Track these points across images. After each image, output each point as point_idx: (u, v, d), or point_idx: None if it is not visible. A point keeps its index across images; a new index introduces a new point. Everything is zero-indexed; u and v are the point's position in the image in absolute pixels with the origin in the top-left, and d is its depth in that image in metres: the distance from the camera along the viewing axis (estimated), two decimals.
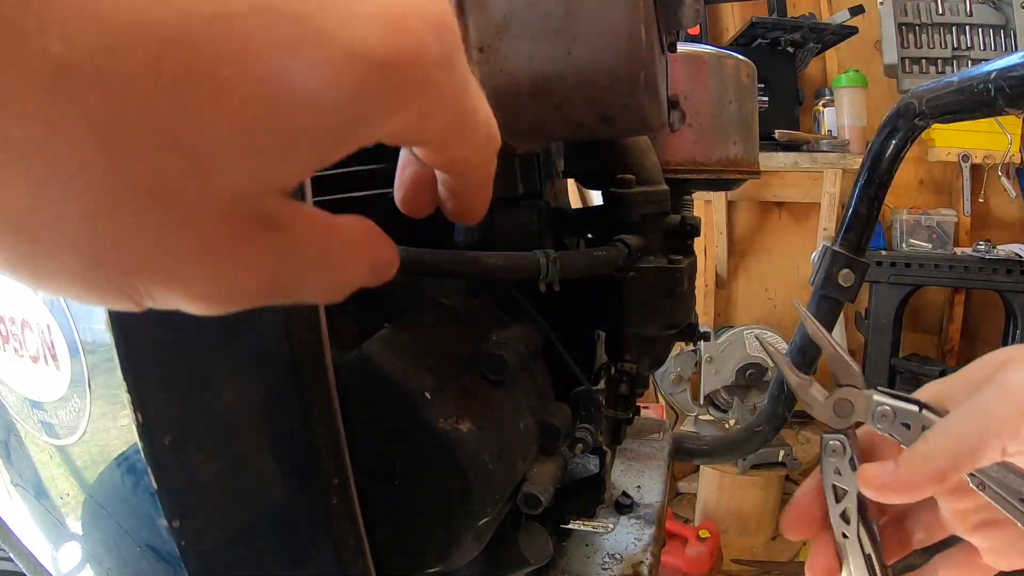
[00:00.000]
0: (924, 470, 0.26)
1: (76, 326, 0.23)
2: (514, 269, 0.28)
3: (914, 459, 0.26)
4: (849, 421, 0.29)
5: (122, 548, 0.26)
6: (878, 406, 0.28)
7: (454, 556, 0.28)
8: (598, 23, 0.23)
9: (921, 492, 0.26)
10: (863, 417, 0.29)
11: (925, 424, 0.27)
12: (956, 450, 0.25)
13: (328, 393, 0.25)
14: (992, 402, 0.25)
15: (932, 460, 0.26)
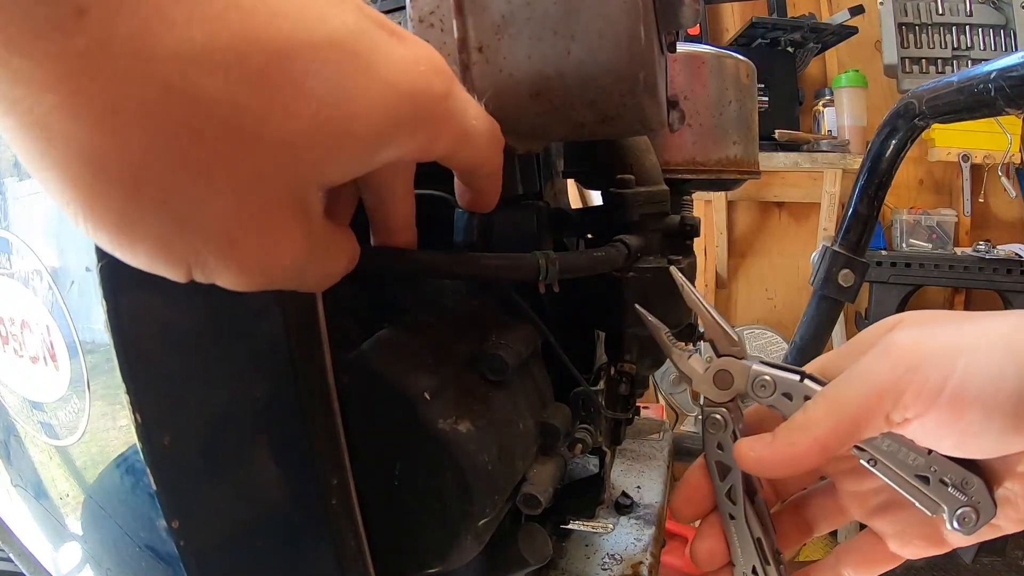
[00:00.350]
0: (802, 441, 0.24)
1: (75, 327, 0.23)
2: (513, 270, 0.28)
3: (791, 430, 0.25)
4: (730, 393, 0.28)
5: (121, 549, 0.26)
6: (757, 376, 0.27)
7: (453, 556, 0.28)
8: (597, 23, 0.23)
9: (801, 465, 0.25)
10: (743, 388, 0.27)
11: (808, 394, 0.26)
12: (835, 418, 0.24)
13: (327, 394, 0.25)
14: (872, 365, 0.23)
15: (809, 430, 0.24)
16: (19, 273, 0.26)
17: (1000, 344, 0.22)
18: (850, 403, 0.23)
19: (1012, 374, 0.21)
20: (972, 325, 0.23)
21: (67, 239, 0.22)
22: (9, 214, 0.27)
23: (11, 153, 0.26)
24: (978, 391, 0.22)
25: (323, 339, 0.24)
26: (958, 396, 0.22)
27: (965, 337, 0.22)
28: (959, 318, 0.24)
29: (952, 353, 0.22)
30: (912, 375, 0.22)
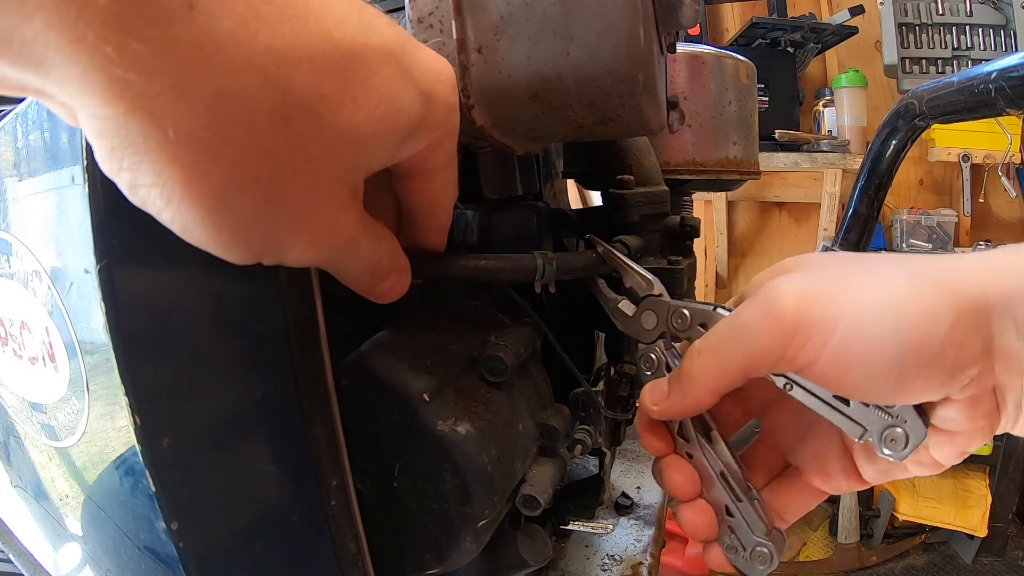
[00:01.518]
0: (692, 390, 0.25)
1: (74, 328, 0.23)
2: (510, 271, 0.28)
3: (681, 380, 0.26)
4: (656, 332, 0.29)
5: (121, 550, 0.26)
6: (674, 310, 0.28)
7: (453, 557, 0.28)
8: (596, 24, 0.23)
9: (698, 409, 0.26)
10: (664, 323, 0.29)
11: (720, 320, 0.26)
12: (717, 371, 0.24)
13: (327, 395, 0.25)
14: (752, 324, 0.23)
15: (697, 381, 0.25)
16: (19, 274, 0.26)
17: (884, 310, 0.21)
18: (731, 360, 0.24)
19: (890, 342, 0.21)
20: (861, 285, 0.22)
21: (66, 241, 0.22)
22: (9, 216, 0.27)
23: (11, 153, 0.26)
24: (856, 360, 0.22)
25: (322, 341, 0.24)
26: (836, 362, 0.22)
27: (849, 300, 0.22)
28: (853, 269, 0.23)
29: (832, 320, 0.22)
30: (789, 342, 0.22)
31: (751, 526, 0.26)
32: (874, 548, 1.77)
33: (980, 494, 1.68)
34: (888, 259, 0.23)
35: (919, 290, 0.21)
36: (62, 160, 0.21)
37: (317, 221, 0.19)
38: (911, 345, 0.21)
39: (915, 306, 0.21)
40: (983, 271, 0.21)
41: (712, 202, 1.98)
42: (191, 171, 0.16)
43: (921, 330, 0.20)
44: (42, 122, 0.23)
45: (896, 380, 0.21)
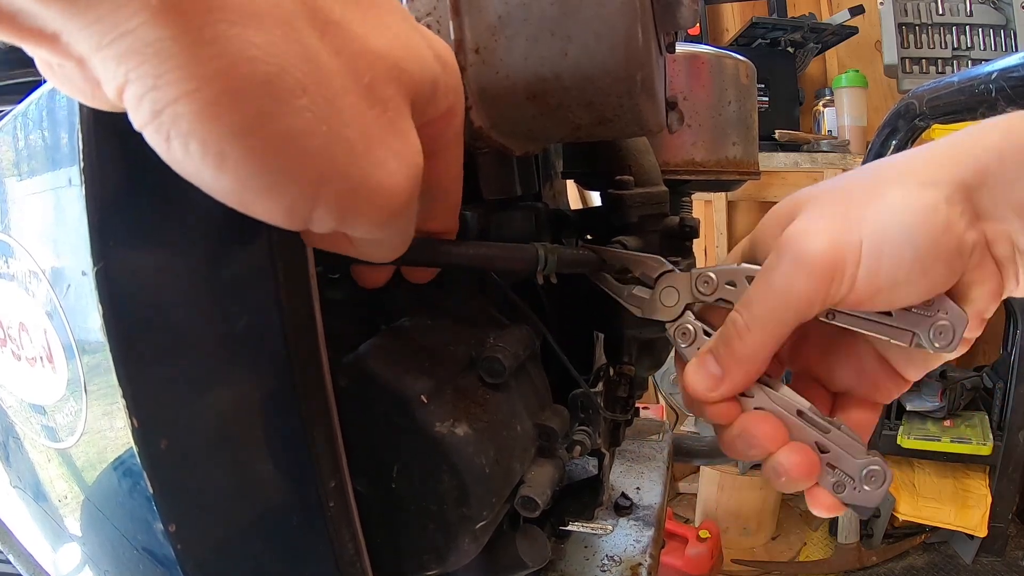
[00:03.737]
0: (752, 362, 0.26)
1: (72, 329, 0.23)
2: (511, 260, 0.28)
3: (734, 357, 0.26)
4: (680, 306, 0.28)
5: (120, 551, 0.26)
6: (699, 275, 0.28)
7: (452, 559, 0.28)
8: (594, 24, 0.23)
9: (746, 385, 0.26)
10: (688, 294, 0.28)
11: (749, 275, 0.26)
12: (768, 334, 0.25)
13: (325, 397, 0.25)
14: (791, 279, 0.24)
15: (753, 353, 0.26)
16: (18, 275, 0.26)
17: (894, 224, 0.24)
18: (783, 322, 0.25)
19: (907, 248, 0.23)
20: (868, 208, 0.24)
21: (64, 242, 0.22)
22: (7, 217, 0.27)
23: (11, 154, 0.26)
24: (885, 275, 0.24)
25: (321, 342, 0.24)
26: (869, 284, 0.24)
27: (864, 226, 0.24)
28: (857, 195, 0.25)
29: (856, 250, 0.24)
30: (829, 284, 0.24)
31: (850, 451, 0.25)
32: (874, 548, 1.77)
33: (980, 494, 1.68)
34: (880, 171, 0.25)
35: (914, 195, 0.24)
36: (60, 161, 0.21)
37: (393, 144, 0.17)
38: (922, 242, 0.23)
39: (915, 210, 0.23)
40: (960, 156, 0.24)
41: (712, 202, 1.98)
42: (227, 71, 0.14)
43: (926, 227, 0.23)
44: (42, 122, 0.23)
45: (921, 277, 0.24)
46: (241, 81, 0.14)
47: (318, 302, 0.24)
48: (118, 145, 0.20)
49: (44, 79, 0.18)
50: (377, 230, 0.18)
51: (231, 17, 0.14)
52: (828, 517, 0.29)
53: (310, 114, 0.15)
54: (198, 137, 0.14)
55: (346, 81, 0.16)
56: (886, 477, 0.25)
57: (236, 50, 0.14)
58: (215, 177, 0.15)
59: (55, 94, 0.21)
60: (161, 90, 0.14)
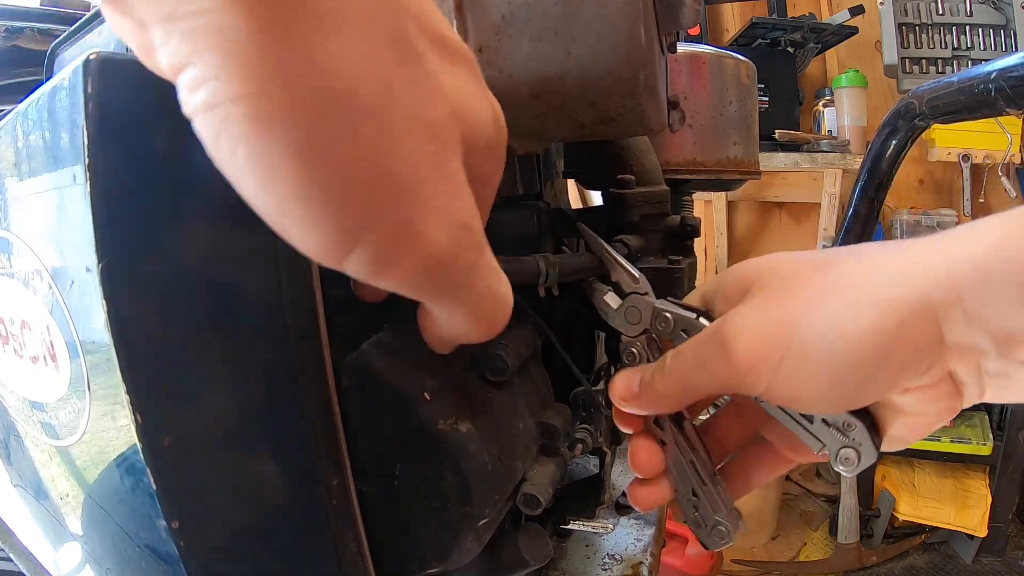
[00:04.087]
0: (659, 401, 0.28)
1: (75, 327, 0.23)
2: (512, 273, 0.28)
3: (651, 388, 0.28)
4: (640, 327, 0.30)
5: (122, 549, 0.26)
6: (658, 313, 0.29)
7: (454, 557, 0.28)
8: (597, 24, 0.23)
9: (660, 413, 0.29)
10: (648, 322, 0.30)
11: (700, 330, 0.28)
12: (685, 392, 0.27)
13: (328, 394, 0.25)
14: (709, 359, 0.25)
15: (663, 395, 0.27)
16: (19, 273, 0.26)
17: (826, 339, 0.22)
18: (695, 386, 0.27)
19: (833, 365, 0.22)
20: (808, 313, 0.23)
21: (67, 240, 0.22)
22: (9, 214, 0.27)
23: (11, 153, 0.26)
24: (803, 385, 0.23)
25: (324, 340, 0.24)
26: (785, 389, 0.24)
27: (796, 333, 0.23)
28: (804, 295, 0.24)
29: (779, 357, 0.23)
30: (743, 378, 0.24)
31: (713, 507, 0.29)
32: (874, 548, 1.77)
33: (980, 494, 1.68)
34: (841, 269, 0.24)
35: (862, 315, 0.22)
36: (63, 160, 0.21)
37: (439, 194, 0.15)
38: (854, 364, 0.22)
39: (856, 328, 0.22)
40: (935, 270, 0.21)
41: (712, 202, 1.98)
42: (296, 80, 0.13)
43: (864, 348, 0.21)
44: (43, 122, 0.23)
45: (844, 396, 0.23)
46: (309, 95, 0.13)
47: (321, 300, 0.24)
48: (122, 142, 0.20)
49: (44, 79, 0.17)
50: (415, 288, 0.17)
51: (316, 21, 0.13)
52: None
53: (369, 141, 0.14)
54: (249, 145, 0.13)
55: (412, 113, 0.15)
56: (730, 536, 0.29)
57: (312, 59, 0.13)
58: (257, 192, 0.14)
59: (56, 94, 0.21)
60: (222, 82, 0.13)
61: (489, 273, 0.19)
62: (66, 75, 0.20)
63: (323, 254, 0.15)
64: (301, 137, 0.13)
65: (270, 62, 0.12)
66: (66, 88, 0.21)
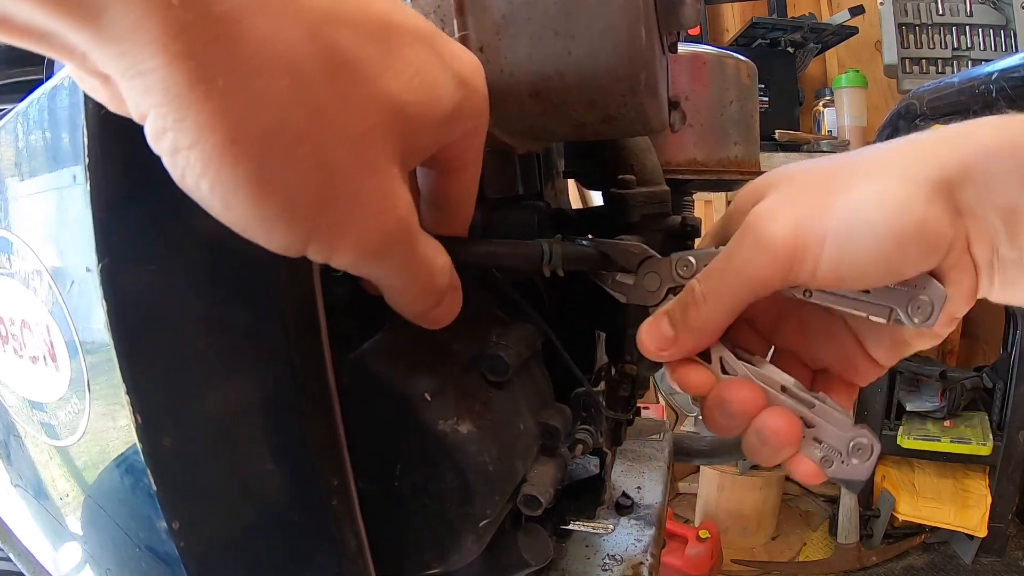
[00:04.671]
0: (704, 329, 0.26)
1: (75, 327, 0.23)
2: (515, 256, 0.28)
3: (688, 323, 0.26)
4: (662, 289, 0.29)
5: (121, 549, 0.26)
6: (679, 259, 0.28)
7: (454, 557, 0.28)
8: (598, 23, 0.23)
9: (695, 350, 0.27)
10: (670, 278, 0.28)
11: None
12: (727, 307, 0.26)
13: (328, 395, 0.25)
14: (749, 256, 0.25)
15: (707, 320, 0.26)
16: (19, 273, 0.26)
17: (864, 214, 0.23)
18: (738, 295, 0.26)
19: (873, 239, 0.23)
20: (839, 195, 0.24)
21: (67, 240, 0.22)
22: (9, 214, 0.27)
23: (12, 153, 0.26)
24: (849, 262, 0.24)
25: (323, 340, 0.24)
26: (832, 270, 0.24)
27: (832, 212, 0.24)
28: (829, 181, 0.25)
29: (820, 236, 0.24)
30: (789, 266, 0.24)
31: (837, 425, 0.25)
32: (874, 548, 1.77)
33: (980, 494, 1.68)
34: (859, 161, 0.25)
35: (889, 190, 0.23)
36: (63, 160, 0.21)
37: (371, 195, 0.18)
38: (890, 240, 0.23)
39: (887, 206, 0.23)
40: (944, 153, 0.24)
41: (712, 202, 1.98)
42: (236, 124, 0.15)
43: (897, 225, 0.23)
44: (43, 122, 0.23)
45: (887, 271, 0.24)
46: (245, 134, 0.15)
47: (321, 300, 0.24)
48: (122, 143, 0.20)
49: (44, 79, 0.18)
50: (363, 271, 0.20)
51: (242, 67, 0.15)
52: (812, 484, 0.29)
53: (305, 164, 0.16)
54: (208, 179, 0.16)
55: (343, 128, 0.17)
56: (873, 449, 0.25)
57: (242, 104, 0.15)
58: (222, 213, 0.17)
59: (56, 94, 0.21)
60: (178, 133, 0.15)
61: (424, 255, 0.21)
62: (66, 75, 0.20)
63: (285, 252, 0.18)
64: (248, 169, 0.16)
65: (208, 113, 0.15)
66: (66, 88, 0.20)
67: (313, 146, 0.16)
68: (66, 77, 0.21)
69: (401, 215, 0.19)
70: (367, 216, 0.18)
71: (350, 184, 0.17)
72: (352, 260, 0.19)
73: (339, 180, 0.17)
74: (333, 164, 0.17)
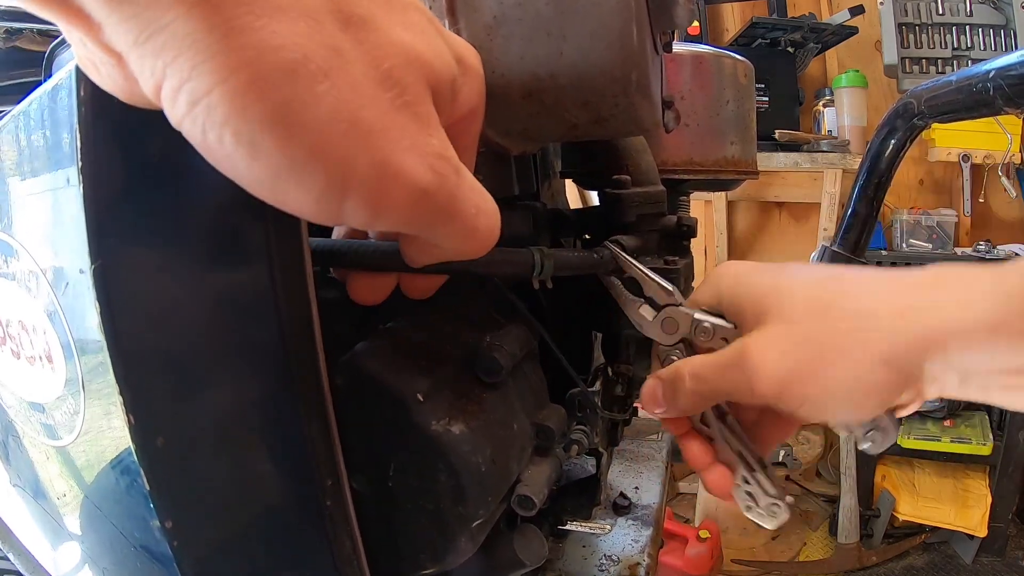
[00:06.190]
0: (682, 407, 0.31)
1: (71, 328, 0.23)
2: (507, 264, 0.28)
3: (674, 397, 0.31)
4: (677, 337, 0.33)
5: (117, 549, 0.26)
6: (698, 324, 0.32)
7: (448, 557, 0.28)
8: (589, 23, 0.23)
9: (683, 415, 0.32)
10: (687, 333, 0.32)
11: None
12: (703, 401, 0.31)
13: (322, 395, 0.25)
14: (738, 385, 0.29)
15: (686, 403, 0.31)
16: (17, 275, 0.27)
17: (841, 393, 0.27)
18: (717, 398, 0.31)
19: (846, 412, 0.28)
20: (825, 367, 0.27)
21: (62, 241, 0.22)
22: (8, 216, 0.27)
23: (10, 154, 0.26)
24: (821, 417, 0.28)
25: (318, 341, 0.24)
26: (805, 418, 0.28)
27: (816, 386, 0.27)
28: (821, 344, 0.27)
29: (801, 399, 0.27)
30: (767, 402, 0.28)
31: (765, 489, 0.31)
32: (874, 548, 1.77)
33: (980, 494, 1.67)
34: (846, 316, 0.27)
35: (866, 371, 0.26)
36: (59, 161, 0.22)
37: (404, 130, 0.17)
38: (862, 406, 0.27)
39: (865, 388, 0.26)
40: (918, 325, 0.26)
41: (712, 202, 1.98)
42: (257, 61, 0.15)
43: (868, 398, 0.27)
44: (41, 123, 0.23)
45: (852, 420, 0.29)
46: (268, 69, 0.15)
47: (315, 301, 0.24)
48: (116, 145, 0.20)
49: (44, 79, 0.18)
50: (412, 219, 0.18)
51: (258, 10, 0.15)
52: None
53: (331, 99, 0.16)
54: (232, 127, 0.15)
55: (365, 67, 0.16)
56: (784, 513, 0.31)
57: (263, 40, 0.15)
58: (249, 167, 0.16)
59: (56, 94, 0.21)
60: (196, 81, 0.15)
61: (473, 192, 0.20)
62: (60, 78, 0.21)
63: (320, 209, 0.17)
64: (272, 106, 0.15)
65: (229, 52, 0.14)
66: (65, 89, 0.21)
67: (336, 82, 0.16)
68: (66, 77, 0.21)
69: (439, 149, 0.18)
70: (409, 155, 0.17)
71: (381, 120, 0.16)
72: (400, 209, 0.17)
73: (368, 115, 0.16)
74: (359, 100, 0.16)
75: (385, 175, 0.17)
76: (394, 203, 0.17)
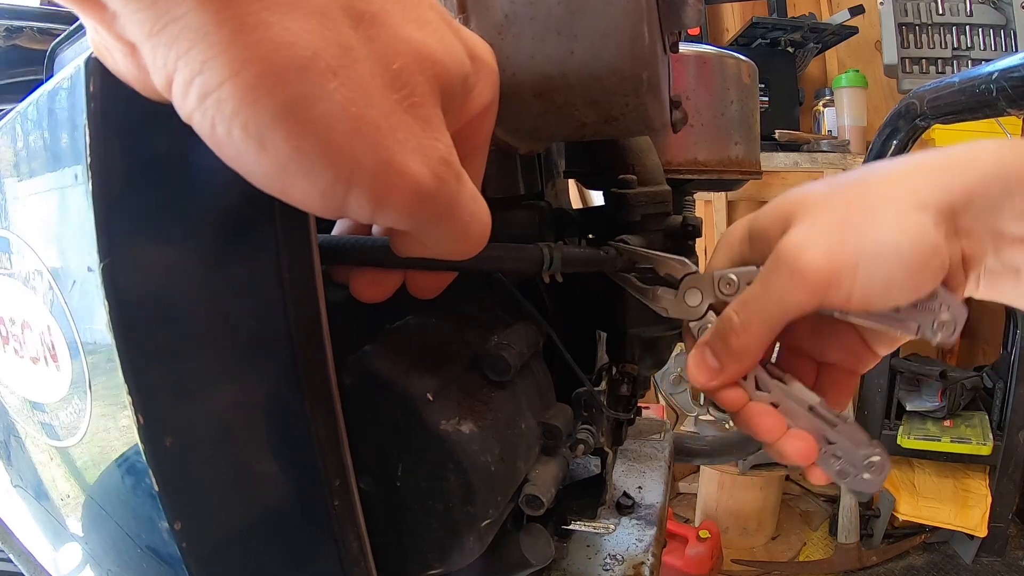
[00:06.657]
0: (747, 355, 0.29)
1: (76, 327, 0.23)
2: (517, 260, 0.28)
3: (731, 351, 0.29)
4: (703, 305, 0.30)
5: (122, 550, 0.26)
6: (722, 277, 0.30)
7: (456, 557, 0.28)
8: (600, 23, 0.23)
9: (742, 374, 0.30)
10: (712, 294, 0.30)
11: None
12: (765, 334, 0.28)
13: (330, 395, 0.25)
14: (787, 288, 0.27)
15: (748, 347, 0.28)
16: (19, 273, 0.26)
17: (888, 244, 0.25)
18: (777, 322, 0.28)
19: (899, 267, 0.26)
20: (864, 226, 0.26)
21: (69, 239, 0.22)
22: (9, 214, 0.26)
23: (11, 153, 0.26)
24: (878, 289, 0.26)
25: (326, 340, 0.24)
26: (863, 296, 0.26)
27: (860, 243, 0.26)
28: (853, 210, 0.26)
29: (852, 267, 0.26)
30: (824, 295, 0.26)
31: (855, 442, 0.28)
32: (874, 548, 1.77)
33: (980, 494, 1.68)
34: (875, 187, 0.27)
35: (909, 219, 0.26)
36: (64, 159, 0.21)
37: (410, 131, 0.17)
38: (914, 262, 0.25)
39: (909, 234, 0.25)
40: (949, 180, 0.26)
41: (712, 202, 1.98)
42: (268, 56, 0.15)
43: (918, 249, 0.25)
44: (43, 122, 0.23)
45: (911, 289, 0.26)
46: (278, 65, 0.15)
47: (324, 300, 0.24)
48: (124, 141, 0.20)
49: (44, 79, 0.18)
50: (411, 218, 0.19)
51: (271, 6, 0.15)
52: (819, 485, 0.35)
53: (340, 96, 0.16)
54: (240, 120, 0.15)
55: (374, 66, 0.17)
56: (884, 468, 0.28)
57: (274, 36, 0.15)
58: (256, 161, 0.16)
59: (56, 94, 0.21)
60: (207, 74, 0.15)
61: (470, 200, 0.20)
62: (67, 75, 0.20)
63: (325, 203, 0.17)
64: (281, 101, 0.15)
65: (241, 46, 0.15)
66: (67, 88, 0.20)
67: (346, 79, 0.16)
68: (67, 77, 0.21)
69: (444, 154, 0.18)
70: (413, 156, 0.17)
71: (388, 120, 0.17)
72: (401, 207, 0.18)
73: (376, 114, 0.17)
74: (368, 99, 0.16)
75: (389, 174, 0.17)
76: (396, 201, 0.18)
